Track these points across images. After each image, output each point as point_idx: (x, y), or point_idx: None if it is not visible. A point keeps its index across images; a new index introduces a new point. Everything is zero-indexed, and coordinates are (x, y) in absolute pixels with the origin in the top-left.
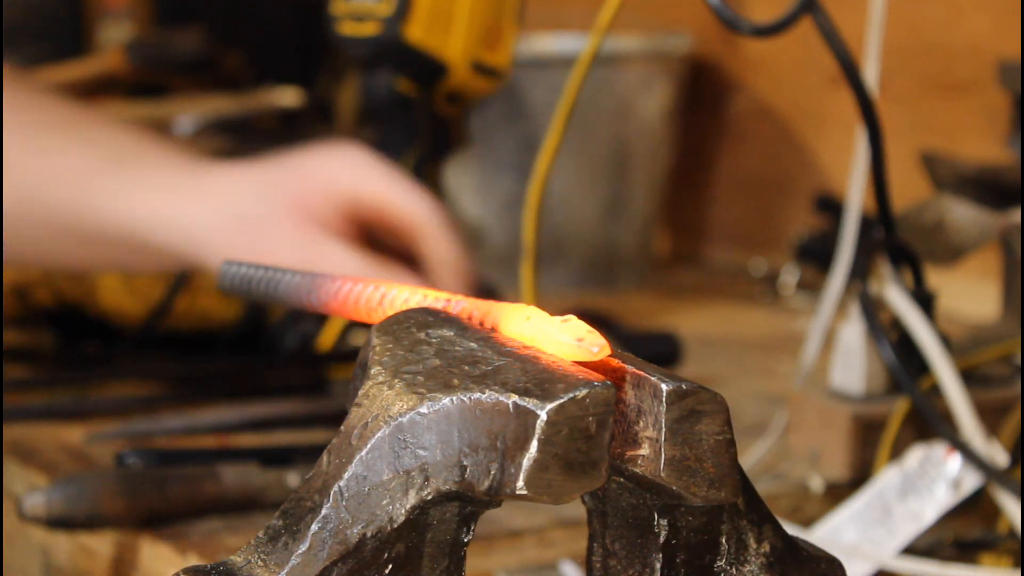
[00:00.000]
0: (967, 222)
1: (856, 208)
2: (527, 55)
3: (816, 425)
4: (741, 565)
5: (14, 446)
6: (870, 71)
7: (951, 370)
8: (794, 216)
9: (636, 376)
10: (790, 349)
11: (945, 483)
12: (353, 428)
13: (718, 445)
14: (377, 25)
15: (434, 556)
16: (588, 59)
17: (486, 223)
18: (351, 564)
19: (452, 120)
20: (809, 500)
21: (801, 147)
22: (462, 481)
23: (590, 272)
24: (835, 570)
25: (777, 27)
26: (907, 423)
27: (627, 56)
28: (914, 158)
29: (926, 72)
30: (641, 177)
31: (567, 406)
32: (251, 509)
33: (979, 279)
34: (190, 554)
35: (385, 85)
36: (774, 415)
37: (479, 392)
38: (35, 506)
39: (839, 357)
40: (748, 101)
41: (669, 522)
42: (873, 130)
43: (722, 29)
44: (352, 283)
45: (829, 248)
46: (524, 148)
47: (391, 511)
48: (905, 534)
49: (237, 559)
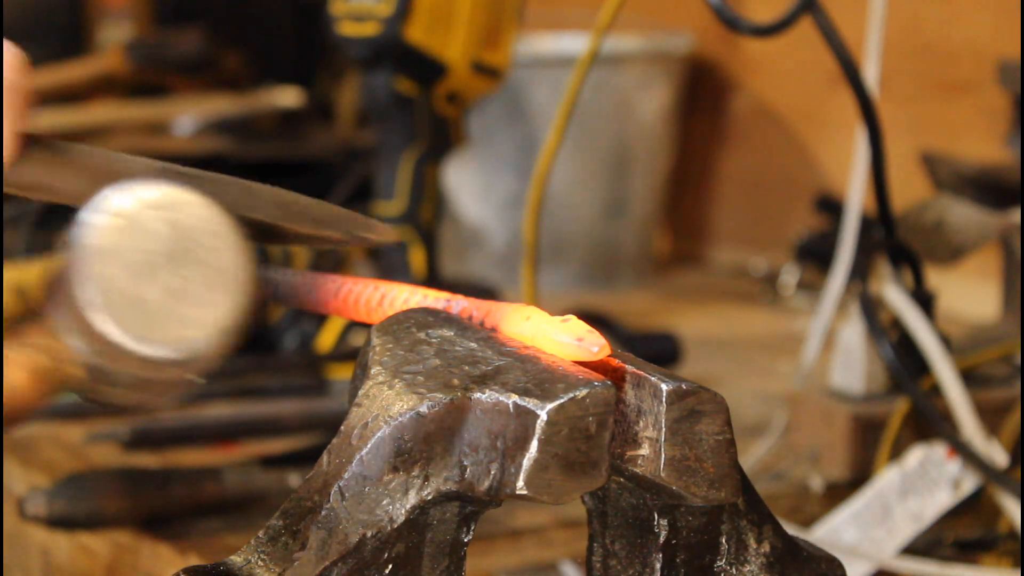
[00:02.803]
0: (967, 222)
1: (856, 208)
2: (527, 55)
3: (816, 425)
4: (741, 565)
5: (14, 446)
6: (870, 71)
7: (951, 370)
8: (794, 216)
9: (636, 376)
10: (790, 349)
11: (945, 483)
12: (353, 428)
13: (718, 445)
14: (377, 25)
15: (434, 556)
16: (588, 59)
17: (486, 223)
18: (351, 564)
19: (452, 120)
20: (809, 500)
21: (801, 147)
22: (462, 481)
23: (590, 272)
24: (835, 570)
25: (777, 27)
26: (907, 423)
27: (627, 56)
28: (914, 158)
29: (926, 72)
30: (641, 177)
31: (567, 406)
32: (251, 509)
33: (979, 279)
34: (190, 554)
35: (385, 85)
36: (774, 415)
37: (479, 392)
38: (36, 506)
39: (839, 357)
40: (748, 101)
41: (669, 522)
42: (873, 130)
43: (722, 29)
44: (352, 283)
45: (829, 248)
46: (524, 148)
47: (391, 511)
48: (905, 534)
49: (237, 559)
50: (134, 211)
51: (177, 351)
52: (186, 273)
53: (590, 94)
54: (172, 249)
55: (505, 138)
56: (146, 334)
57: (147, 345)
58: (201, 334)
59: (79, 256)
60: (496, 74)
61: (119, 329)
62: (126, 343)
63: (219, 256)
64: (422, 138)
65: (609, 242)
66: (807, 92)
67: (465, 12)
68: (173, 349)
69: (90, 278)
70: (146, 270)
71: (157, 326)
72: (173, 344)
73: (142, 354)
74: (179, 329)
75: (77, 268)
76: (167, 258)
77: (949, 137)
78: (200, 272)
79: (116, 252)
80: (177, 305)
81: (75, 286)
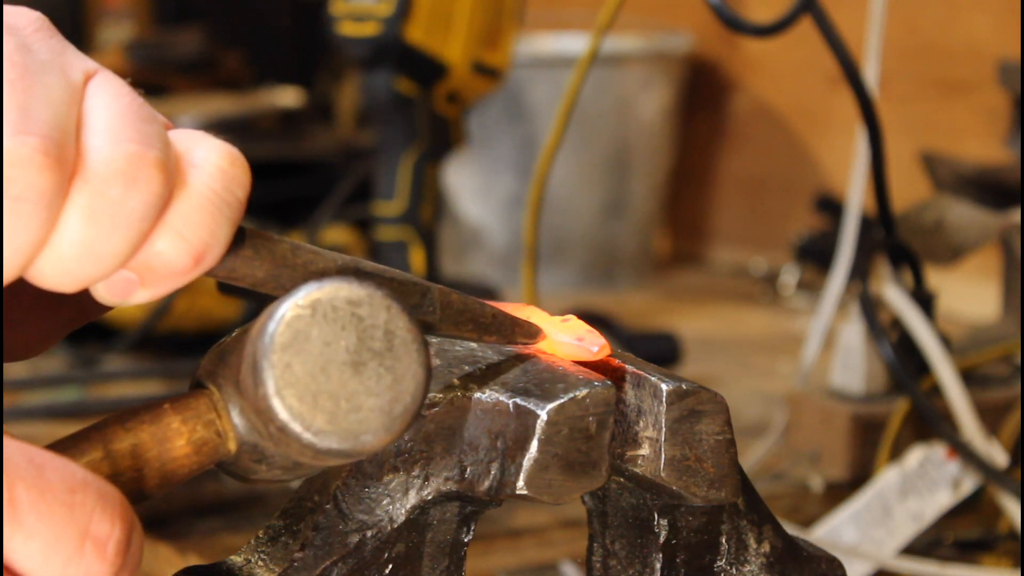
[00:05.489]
0: (967, 222)
1: (856, 208)
2: (527, 55)
3: (816, 425)
4: (741, 565)
5: None
6: (870, 71)
7: (951, 370)
8: (794, 216)
9: (636, 376)
10: (790, 349)
11: (945, 483)
12: None
13: (718, 445)
14: (377, 25)
15: (434, 556)
16: (588, 59)
17: (486, 223)
18: (351, 564)
19: (452, 120)
20: (809, 500)
21: (801, 147)
22: (462, 481)
23: (590, 272)
24: (835, 570)
25: (777, 27)
26: (907, 423)
27: (627, 56)
28: (914, 158)
29: (926, 72)
30: (641, 177)
31: (567, 406)
32: (251, 509)
33: (979, 279)
34: (190, 554)
35: (385, 85)
36: (774, 415)
37: (479, 392)
38: None
39: (839, 357)
40: (748, 101)
41: (669, 522)
42: (873, 130)
43: (722, 29)
44: None
45: (829, 248)
46: (524, 148)
47: (391, 511)
48: (905, 534)
49: (237, 559)
50: (323, 305)
51: (348, 443)
52: (366, 369)
53: (590, 94)
54: (355, 345)
55: (505, 138)
56: (321, 426)
57: (320, 437)
58: (374, 429)
59: (264, 344)
60: (496, 74)
61: (294, 419)
62: (300, 433)
63: (399, 354)
64: (422, 138)
65: (609, 242)
66: (807, 92)
67: (465, 12)
68: (344, 441)
69: (273, 366)
70: (327, 364)
71: (333, 419)
72: (345, 437)
73: (313, 444)
74: (354, 423)
75: (260, 355)
76: (349, 353)
77: (949, 137)
78: (380, 369)
79: (301, 344)
80: (354, 399)
81: (256, 371)
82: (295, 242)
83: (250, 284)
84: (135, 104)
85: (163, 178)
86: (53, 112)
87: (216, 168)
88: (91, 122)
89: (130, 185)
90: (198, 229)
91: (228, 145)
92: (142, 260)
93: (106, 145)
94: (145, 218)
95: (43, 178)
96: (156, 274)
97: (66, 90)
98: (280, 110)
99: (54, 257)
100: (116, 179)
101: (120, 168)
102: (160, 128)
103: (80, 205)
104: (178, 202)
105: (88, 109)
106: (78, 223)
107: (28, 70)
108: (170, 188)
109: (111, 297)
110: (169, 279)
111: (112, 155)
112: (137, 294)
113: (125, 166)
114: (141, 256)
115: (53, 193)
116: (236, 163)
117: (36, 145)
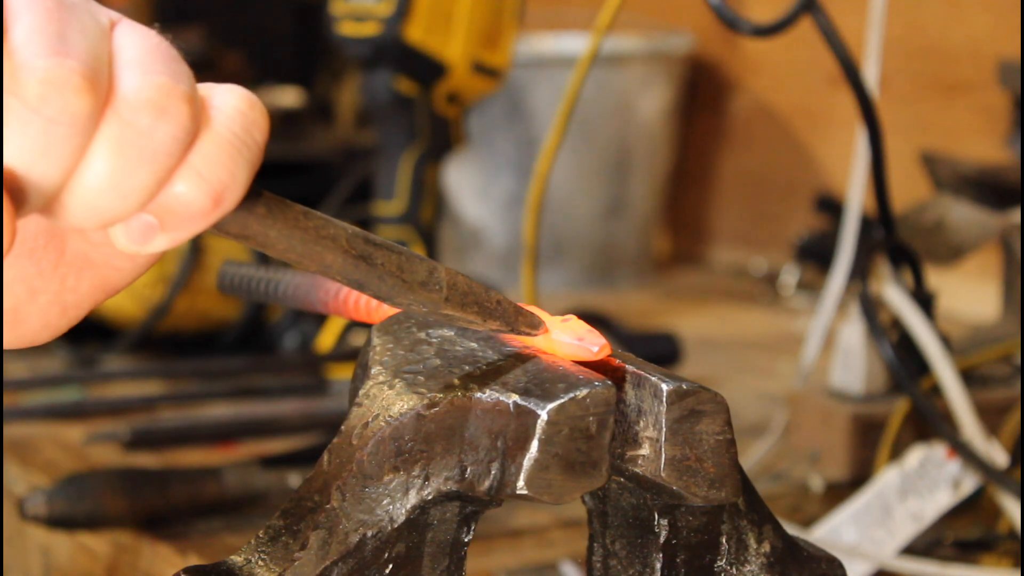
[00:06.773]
0: (967, 222)
1: (856, 208)
2: (527, 55)
3: (816, 425)
4: (741, 565)
5: (14, 446)
6: (870, 71)
7: (951, 370)
8: (794, 216)
9: (636, 376)
10: (790, 349)
11: (945, 483)
12: (353, 428)
13: (718, 445)
14: (377, 25)
15: (434, 556)
16: (588, 59)
17: (486, 223)
18: (351, 564)
19: (452, 120)
20: (809, 500)
21: (801, 147)
22: (462, 481)
23: (590, 272)
24: (835, 570)
25: (777, 27)
26: (907, 423)
27: (627, 56)
28: (914, 158)
29: (926, 72)
30: (641, 177)
31: (567, 406)
32: (251, 509)
33: (979, 279)
34: (190, 554)
35: (385, 85)
36: (774, 415)
37: (480, 392)
38: (36, 506)
39: (839, 357)
40: (748, 101)
41: (669, 522)
42: (873, 130)
43: (722, 29)
44: None
45: (829, 248)
46: (524, 148)
47: (391, 511)
48: (905, 534)
49: (237, 559)
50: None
51: None
52: None
53: (590, 94)
54: None
55: (505, 138)
56: None
57: None
58: None
59: None
60: (496, 74)
61: None
62: None
63: None
64: (422, 138)
65: (609, 242)
66: (807, 92)
67: (465, 12)
68: None
69: None
70: None
71: None
72: None
73: None
74: None
75: None
76: None
77: (949, 137)
78: None
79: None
80: None
81: None
82: (307, 208)
83: (261, 244)
84: (163, 44)
85: (191, 112)
86: (89, 42)
87: (236, 111)
88: (122, 57)
89: (159, 116)
90: (217, 169)
91: (247, 90)
92: (162, 202)
93: (136, 77)
94: (171, 153)
95: (80, 101)
96: (176, 216)
97: (98, 26)
98: (280, 110)
99: (79, 191)
100: (146, 109)
101: (151, 98)
102: (187, 67)
103: (109, 137)
104: (198, 144)
105: (118, 47)
106: (106, 155)
107: (62, 4)
108: (197, 124)
109: (131, 243)
110: (189, 222)
111: (142, 85)
112: (157, 239)
113: (156, 96)
114: (161, 198)
115: (88, 118)
116: (255, 107)
117: (75, 68)
